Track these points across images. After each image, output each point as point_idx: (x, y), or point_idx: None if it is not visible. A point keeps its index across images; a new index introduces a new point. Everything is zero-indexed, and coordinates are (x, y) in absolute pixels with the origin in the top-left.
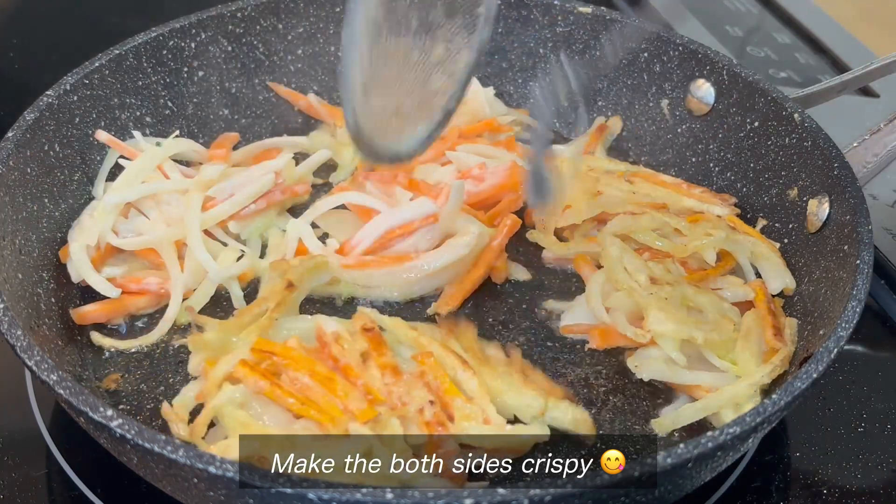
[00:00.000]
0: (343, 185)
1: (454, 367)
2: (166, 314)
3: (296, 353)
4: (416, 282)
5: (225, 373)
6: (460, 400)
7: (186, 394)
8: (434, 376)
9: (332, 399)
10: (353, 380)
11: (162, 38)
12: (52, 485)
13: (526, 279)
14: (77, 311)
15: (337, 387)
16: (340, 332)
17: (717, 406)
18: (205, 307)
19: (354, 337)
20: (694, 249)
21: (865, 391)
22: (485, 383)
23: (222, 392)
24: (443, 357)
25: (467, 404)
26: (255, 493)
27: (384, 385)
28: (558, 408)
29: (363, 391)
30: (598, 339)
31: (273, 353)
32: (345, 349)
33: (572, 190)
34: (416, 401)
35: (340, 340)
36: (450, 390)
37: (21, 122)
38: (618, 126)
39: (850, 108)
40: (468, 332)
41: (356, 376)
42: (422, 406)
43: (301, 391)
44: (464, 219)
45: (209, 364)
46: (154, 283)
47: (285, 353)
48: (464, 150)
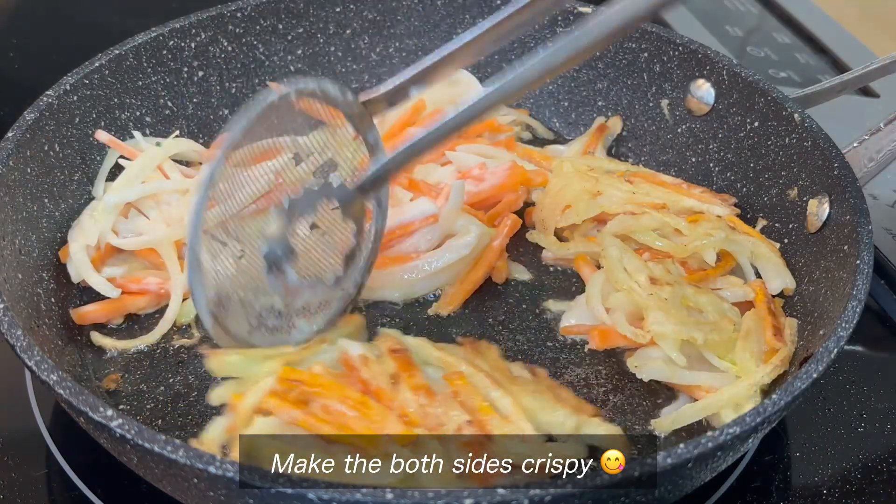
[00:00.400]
0: None
1: (486, 387)
2: (166, 314)
3: (325, 380)
4: (416, 282)
5: (254, 404)
6: (496, 419)
7: (214, 429)
8: (467, 396)
9: (368, 424)
10: (386, 403)
11: (162, 38)
12: (52, 485)
13: (526, 279)
14: (77, 311)
15: (372, 411)
16: (367, 355)
17: (717, 406)
18: None
19: (381, 359)
20: (694, 250)
21: (865, 391)
22: (518, 402)
23: (255, 424)
24: (473, 376)
25: (504, 423)
26: (255, 493)
27: (419, 406)
28: (590, 425)
29: (398, 414)
30: (598, 340)
31: (301, 382)
32: (374, 372)
33: (572, 190)
34: (453, 421)
35: (369, 363)
36: (484, 409)
37: (21, 122)
38: (618, 126)
39: (850, 108)
40: (491, 351)
41: (389, 399)
42: (459, 426)
43: (335, 418)
44: (464, 219)
45: (236, 397)
46: (154, 283)
47: (314, 381)
48: (464, 150)
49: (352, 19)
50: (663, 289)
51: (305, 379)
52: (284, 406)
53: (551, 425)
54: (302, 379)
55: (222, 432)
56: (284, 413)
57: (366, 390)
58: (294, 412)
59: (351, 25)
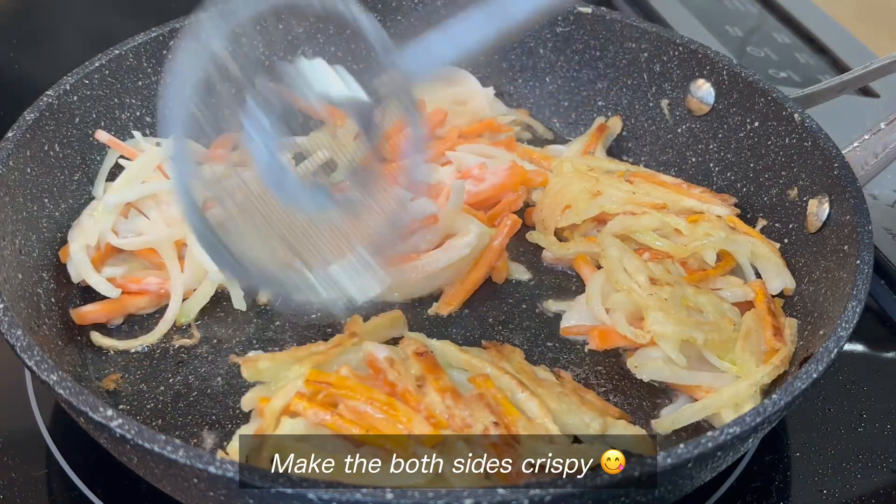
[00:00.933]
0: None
1: (511, 389)
2: (166, 314)
3: (352, 382)
4: (416, 282)
5: (282, 406)
6: (523, 421)
7: (240, 438)
8: (493, 398)
9: (396, 425)
10: (413, 405)
11: (162, 38)
12: (52, 485)
13: (526, 279)
14: (77, 311)
15: (399, 413)
16: (393, 357)
17: (717, 406)
18: (205, 307)
19: (406, 362)
20: (694, 250)
21: (865, 391)
22: (544, 404)
23: (282, 426)
24: (498, 379)
25: (530, 425)
26: (255, 493)
27: (446, 408)
28: (616, 427)
29: (425, 415)
30: (598, 341)
31: (329, 384)
32: (401, 374)
33: (572, 190)
34: (480, 423)
35: (395, 365)
36: (510, 411)
37: (21, 122)
38: (618, 126)
39: (850, 108)
40: (515, 354)
41: (416, 401)
42: (486, 428)
43: (362, 419)
44: (464, 219)
45: (263, 401)
46: (154, 283)
47: (341, 383)
48: (464, 150)
49: None
50: (663, 289)
51: (333, 381)
52: (312, 407)
53: (577, 427)
54: (329, 381)
55: (246, 441)
56: (313, 414)
57: (392, 392)
58: (322, 413)
59: (351, 25)
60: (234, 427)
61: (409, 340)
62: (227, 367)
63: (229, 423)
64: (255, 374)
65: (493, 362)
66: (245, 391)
